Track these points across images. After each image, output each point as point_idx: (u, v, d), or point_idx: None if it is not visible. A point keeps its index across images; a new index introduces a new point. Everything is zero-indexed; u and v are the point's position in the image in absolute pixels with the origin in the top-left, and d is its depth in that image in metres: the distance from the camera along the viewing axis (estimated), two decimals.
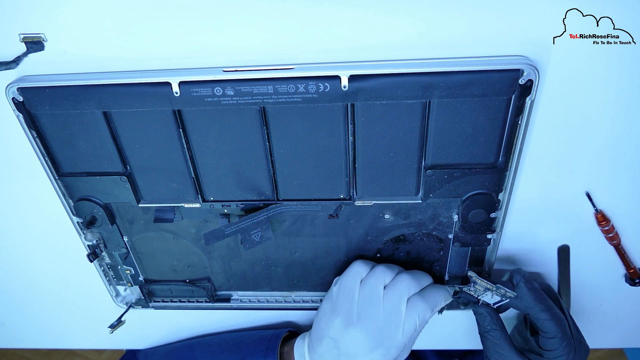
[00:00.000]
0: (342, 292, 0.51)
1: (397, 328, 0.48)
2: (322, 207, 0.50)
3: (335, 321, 0.50)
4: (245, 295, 0.62)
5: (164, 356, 0.65)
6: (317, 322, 0.53)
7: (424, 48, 0.40)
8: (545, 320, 0.48)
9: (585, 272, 0.56)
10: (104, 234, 0.55)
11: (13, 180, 0.53)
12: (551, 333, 0.48)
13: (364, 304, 0.49)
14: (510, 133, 0.43)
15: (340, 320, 0.50)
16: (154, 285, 0.60)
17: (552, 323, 0.47)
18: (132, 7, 0.40)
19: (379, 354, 0.48)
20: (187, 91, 0.41)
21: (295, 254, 0.56)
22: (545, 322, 0.48)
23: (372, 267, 0.52)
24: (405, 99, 0.41)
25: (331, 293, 0.53)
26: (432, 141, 0.44)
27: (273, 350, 0.56)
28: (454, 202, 0.48)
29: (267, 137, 0.45)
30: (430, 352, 0.76)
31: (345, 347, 0.49)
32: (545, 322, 0.48)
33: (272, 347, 0.57)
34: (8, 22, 0.41)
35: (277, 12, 0.39)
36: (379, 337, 0.48)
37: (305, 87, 0.40)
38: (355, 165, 0.46)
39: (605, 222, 0.51)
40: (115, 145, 0.47)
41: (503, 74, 0.39)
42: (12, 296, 0.67)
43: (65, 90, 0.42)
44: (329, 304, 0.52)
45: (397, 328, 0.48)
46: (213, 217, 0.53)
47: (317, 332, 0.52)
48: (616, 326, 0.63)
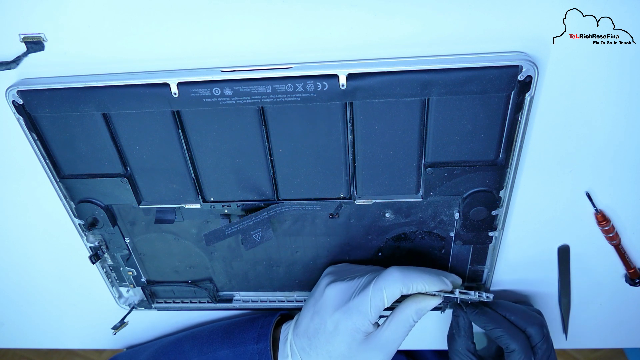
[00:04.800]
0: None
1: (365, 295, 0.48)
2: (322, 207, 0.50)
3: (319, 287, 0.53)
4: (247, 295, 0.62)
5: (151, 356, 0.62)
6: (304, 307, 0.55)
7: (422, 45, 0.40)
8: (499, 337, 0.50)
9: (585, 272, 0.56)
10: (105, 236, 0.55)
11: (14, 182, 0.53)
12: (510, 347, 0.50)
13: (345, 273, 0.53)
14: (510, 130, 0.43)
15: (325, 282, 0.52)
16: (157, 286, 0.61)
17: (506, 337, 0.50)
18: (131, 8, 0.40)
19: (341, 312, 0.49)
20: (186, 92, 0.41)
21: (296, 253, 0.56)
22: (499, 338, 0.51)
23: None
24: (404, 96, 0.41)
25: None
26: (431, 139, 0.44)
27: (265, 336, 0.55)
28: (454, 199, 0.48)
29: (267, 136, 0.45)
30: (430, 352, 0.76)
31: (319, 306, 0.51)
32: (500, 338, 0.50)
33: (264, 333, 0.56)
34: (8, 22, 0.41)
35: (275, 12, 0.39)
36: (346, 297, 0.49)
37: (304, 86, 0.40)
38: (355, 164, 0.46)
39: (605, 222, 0.50)
40: (115, 147, 0.47)
41: (502, 70, 0.39)
42: (12, 296, 0.67)
43: (65, 92, 0.42)
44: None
45: (365, 295, 0.48)
46: (214, 218, 0.53)
47: (303, 313, 0.54)
48: (616, 326, 0.63)
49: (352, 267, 0.55)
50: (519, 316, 0.52)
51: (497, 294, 0.60)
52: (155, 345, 0.64)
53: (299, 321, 0.53)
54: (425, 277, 0.48)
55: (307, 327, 0.51)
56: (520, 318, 0.51)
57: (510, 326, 0.51)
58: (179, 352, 0.59)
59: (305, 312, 0.53)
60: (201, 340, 0.59)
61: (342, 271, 0.54)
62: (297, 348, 0.52)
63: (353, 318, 0.48)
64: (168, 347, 0.61)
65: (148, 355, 0.62)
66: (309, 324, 0.51)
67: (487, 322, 0.51)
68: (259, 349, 0.54)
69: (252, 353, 0.54)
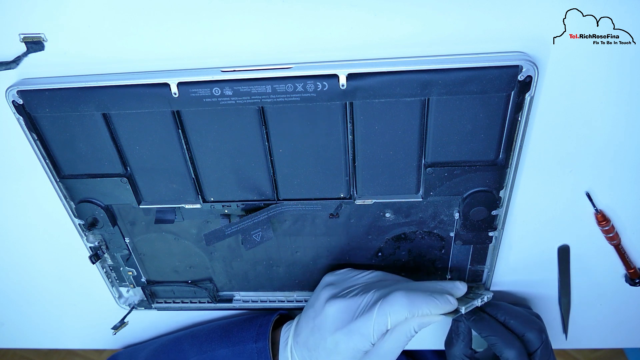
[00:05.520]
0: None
1: (369, 319, 0.47)
2: (322, 207, 0.50)
3: (321, 295, 0.52)
4: (247, 295, 0.62)
5: (150, 355, 0.62)
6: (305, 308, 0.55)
7: (422, 45, 0.40)
8: (494, 345, 0.50)
9: (585, 272, 0.56)
10: (105, 236, 0.55)
11: (14, 182, 0.53)
12: (503, 355, 0.50)
13: (345, 284, 0.53)
14: (510, 130, 0.43)
15: (325, 295, 0.52)
16: (157, 286, 0.61)
17: (500, 345, 0.50)
18: (131, 8, 0.40)
19: (342, 333, 0.48)
20: (186, 92, 0.41)
21: (296, 253, 0.56)
22: (494, 345, 0.50)
23: None
24: (404, 96, 0.41)
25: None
26: (431, 139, 0.44)
27: (264, 335, 0.55)
28: (454, 199, 0.48)
29: (267, 136, 0.45)
30: (430, 352, 0.75)
31: (319, 321, 0.50)
32: (495, 346, 0.50)
33: (263, 332, 0.55)
34: (8, 22, 0.41)
35: (275, 12, 0.39)
36: (347, 317, 0.49)
37: (304, 86, 0.40)
38: (355, 164, 0.46)
39: (605, 222, 0.50)
40: (115, 147, 0.47)
41: (502, 70, 0.39)
42: (12, 296, 0.67)
43: (65, 92, 0.42)
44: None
45: (368, 318, 0.47)
46: (214, 218, 0.53)
47: (304, 315, 0.54)
48: (616, 326, 0.63)
49: (352, 276, 0.54)
50: (518, 320, 0.51)
51: (497, 295, 0.60)
52: (154, 344, 0.64)
53: (299, 330, 0.53)
54: (431, 302, 0.47)
55: (306, 339, 0.51)
56: (519, 322, 0.51)
57: (506, 333, 0.50)
58: (178, 350, 0.60)
59: (305, 323, 0.52)
60: (200, 339, 0.59)
61: (342, 281, 0.53)
62: (297, 356, 0.52)
63: (354, 340, 0.48)
64: (167, 346, 0.61)
65: (147, 353, 0.62)
66: (308, 337, 0.51)
67: (483, 329, 0.50)
68: (258, 348, 0.54)
69: (251, 352, 0.54)
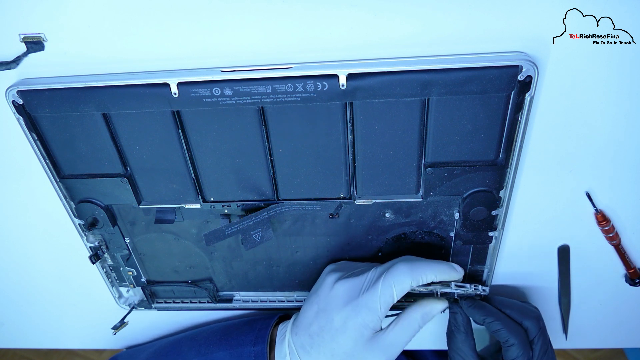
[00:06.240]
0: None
1: (375, 291, 0.48)
2: (322, 207, 0.50)
3: (322, 285, 0.52)
4: (247, 295, 0.62)
5: (149, 357, 0.63)
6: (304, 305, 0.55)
7: (422, 45, 0.40)
8: (498, 330, 0.50)
9: (585, 272, 0.56)
10: (105, 236, 0.55)
11: (14, 182, 0.53)
12: (509, 342, 0.50)
13: (349, 269, 0.53)
14: (510, 130, 0.43)
15: (331, 279, 0.52)
16: (157, 286, 0.61)
17: (505, 331, 0.49)
18: (131, 8, 0.40)
19: (350, 308, 0.48)
20: (186, 92, 0.41)
21: (296, 253, 0.56)
22: (498, 332, 0.50)
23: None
24: (404, 97, 0.41)
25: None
26: (431, 139, 0.44)
27: (263, 339, 0.55)
28: (454, 199, 0.48)
29: (267, 136, 0.45)
30: (430, 352, 0.75)
31: (326, 303, 0.50)
32: (499, 332, 0.50)
33: (262, 335, 0.56)
34: (8, 22, 0.41)
35: (275, 12, 0.40)
36: (354, 294, 0.49)
37: (304, 86, 0.40)
38: (355, 164, 0.46)
39: (605, 222, 0.50)
40: (115, 147, 0.47)
41: (502, 70, 0.39)
42: (12, 296, 0.67)
43: (65, 92, 0.42)
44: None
45: (374, 291, 0.48)
46: (214, 218, 0.53)
47: (303, 311, 0.54)
48: (616, 326, 0.63)
49: (352, 263, 0.55)
50: (515, 310, 0.51)
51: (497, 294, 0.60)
52: (154, 346, 0.64)
53: (299, 319, 0.53)
54: (434, 267, 0.47)
55: (309, 324, 0.51)
56: (516, 312, 0.51)
57: (508, 320, 0.50)
58: (177, 352, 0.60)
59: (308, 310, 0.53)
60: (199, 341, 0.60)
61: (345, 268, 0.54)
62: (295, 346, 0.52)
63: (362, 314, 0.48)
64: (167, 348, 0.62)
65: (147, 355, 0.62)
66: (312, 322, 0.51)
67: (485, 315, 0.50)
68: (256, 352, 0.54)
69: (249, 355, 0.54)
